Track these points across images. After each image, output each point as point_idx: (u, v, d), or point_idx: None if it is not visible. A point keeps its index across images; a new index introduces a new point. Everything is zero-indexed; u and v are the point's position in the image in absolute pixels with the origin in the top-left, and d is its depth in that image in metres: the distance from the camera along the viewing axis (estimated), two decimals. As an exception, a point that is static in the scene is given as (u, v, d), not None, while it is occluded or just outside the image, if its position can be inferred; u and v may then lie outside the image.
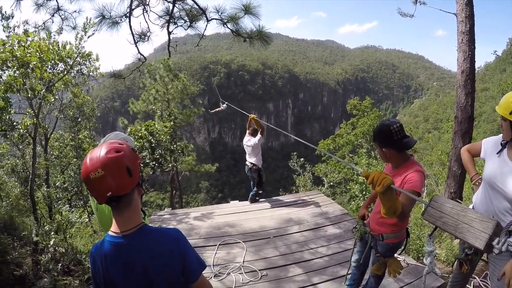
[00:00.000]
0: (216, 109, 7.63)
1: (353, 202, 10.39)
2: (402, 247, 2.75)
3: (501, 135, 2.23)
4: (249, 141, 6.31)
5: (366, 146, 19.53)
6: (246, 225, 5.59)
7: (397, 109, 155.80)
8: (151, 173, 12.21)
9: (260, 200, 6.92)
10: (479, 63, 77.64)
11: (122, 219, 1.38)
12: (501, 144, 2.22)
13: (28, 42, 6.94)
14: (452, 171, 5.07)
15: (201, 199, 70.86)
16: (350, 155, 19.46)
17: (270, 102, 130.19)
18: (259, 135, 6.24)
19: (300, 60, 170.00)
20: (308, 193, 7.51)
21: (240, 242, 4.86)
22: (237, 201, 7.40)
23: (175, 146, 13.28)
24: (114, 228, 1.39)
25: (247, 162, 6.52)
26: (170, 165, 13.58)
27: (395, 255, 2.73)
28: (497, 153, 2.23)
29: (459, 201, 4.63)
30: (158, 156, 11.84)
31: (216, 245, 4.79)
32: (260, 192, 6.81)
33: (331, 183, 13.63)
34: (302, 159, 12.41)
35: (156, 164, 11.77)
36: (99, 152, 1.30)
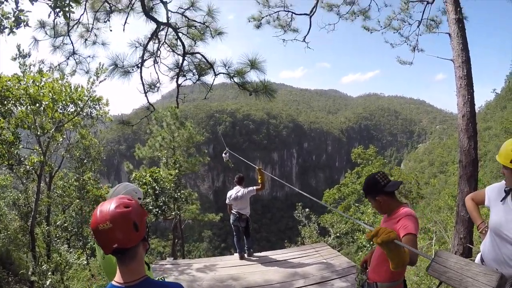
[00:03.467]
0: (227, 160, 7.55)
1: (361, 253, 10.10)
2: None
3: (504, 181, 2.25)
4: (240, 191, 6.25)
5: (372, 196, 19.26)
6: (250, 278, 5.44)
7: (401, 155, 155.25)
8: (153, 220, 12.09)
9: (265, 252, 6.79)
10: (480, 102, 78.81)
11: (126, 271, 1.43)
12: (505, 191, 2.23)
13: (42, 83, 7.24)
14: (460, 216, 4.97)
15: (203, 248, 68.90)
16: (356, 204, 19.18)
17: (274, 152, 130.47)
18: (252, 187, 6.24)
19: (304, 110, 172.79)
20: (313, 245, 7.36)
21: (243, 296, 4.71)
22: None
23: (179, 194, 13.25)
24: (117, 279, 1.43)
25: (234, 211, 6.37)
26: (174, 213, 13.45)
27: None
28: (501, 201, 2.22)
29: (470, 245, 4.53)
30: (161, 204, 11.80)
31: (219, 299, 4.64)
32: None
33: (338, 234, 13.33)
34: (307, 209, 12.24)
35: (159, 211, 11.70)
36: (109, 205, 1.39)
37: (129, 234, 1.37)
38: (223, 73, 4.69)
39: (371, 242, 9.53)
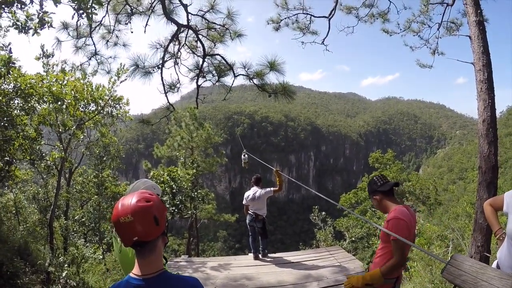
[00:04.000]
0: (245, 162, 7.58)
1: (376, 258, 9.91)
2: None
3: None
4: (257, 192, 6.28)
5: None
6: (263, 278, 5.46)
7: (420, 160, 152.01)
8: (170, 218, 12.24)
9: (279, 253, 6.79)
10: (501, 107, 76.50)
11: (145, 263, 1.46)
12: None
13: (65, 82, 7.44)
14: (478, 223, 4.83)
15: (218, 247, 69.35)
16: (372, 209, 18.92)
17: (292, 154, 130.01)
18: (269, 189, 6.27)
19: (322, 113, 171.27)
20: (328, 249, 7.32)
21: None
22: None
23: (196, 193, 13.36)
24: (135, 271, 1.47)
25: (250, 212, 6.40)
26: (190, 212, 13.58)
27: None
28: None
29: (488, 254, 4.41)
30: (178, 202, 11.93)
31: (232, 298, 4.67)
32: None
33: (353, 238, 13.18)
34: (323, 212, 12.16)
35: (176, 210, 11.84)
36: (131, 199, 1.43)
37: (149, 228, 1.41)
38: (243, 75, 4.72)
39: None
